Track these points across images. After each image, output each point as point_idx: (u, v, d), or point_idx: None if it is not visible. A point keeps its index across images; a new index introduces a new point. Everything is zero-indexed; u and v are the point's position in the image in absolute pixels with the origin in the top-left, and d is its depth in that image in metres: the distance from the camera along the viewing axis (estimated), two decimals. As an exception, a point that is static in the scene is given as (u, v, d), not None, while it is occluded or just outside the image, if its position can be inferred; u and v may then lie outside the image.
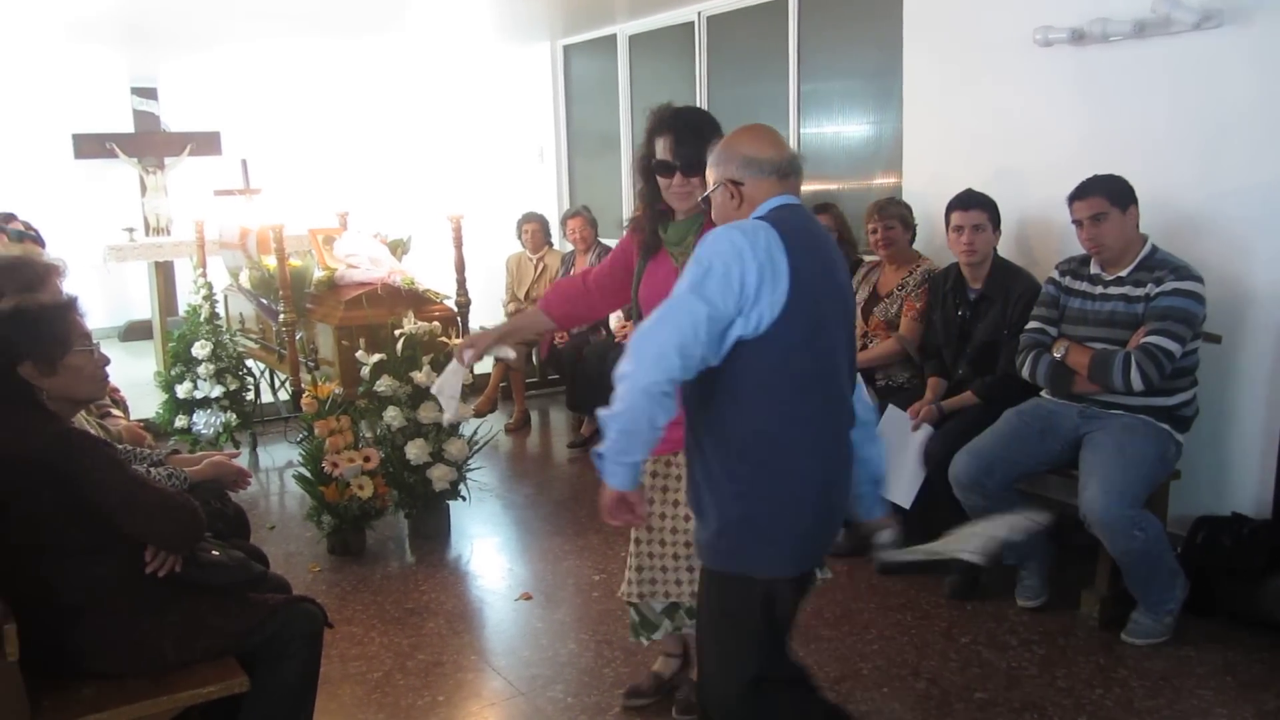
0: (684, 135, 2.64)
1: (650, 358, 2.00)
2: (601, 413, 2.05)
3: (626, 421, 2.02)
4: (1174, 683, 3.20)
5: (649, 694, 3.17)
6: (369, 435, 4.67)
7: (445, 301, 5.03)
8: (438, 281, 5.23)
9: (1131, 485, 3.31)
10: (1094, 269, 3.61)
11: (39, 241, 4.71)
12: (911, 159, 4.99)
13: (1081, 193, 3.53)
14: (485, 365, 6.08)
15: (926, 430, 3.92)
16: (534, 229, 6.72)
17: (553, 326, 3.11)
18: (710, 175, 2.28)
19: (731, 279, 2.02)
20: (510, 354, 3.06)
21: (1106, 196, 3.48)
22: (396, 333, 4.50)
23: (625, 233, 2.95)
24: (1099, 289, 3.57)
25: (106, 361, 2.49)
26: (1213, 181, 3.80)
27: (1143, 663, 3.32)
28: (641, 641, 3.09)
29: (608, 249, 5.69)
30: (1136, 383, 3.34)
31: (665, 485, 2.89)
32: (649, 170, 2.73)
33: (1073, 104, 4.19)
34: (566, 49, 7.93)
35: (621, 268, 2.93)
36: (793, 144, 5.72)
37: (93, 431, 2.63)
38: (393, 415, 4.46)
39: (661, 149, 2.67)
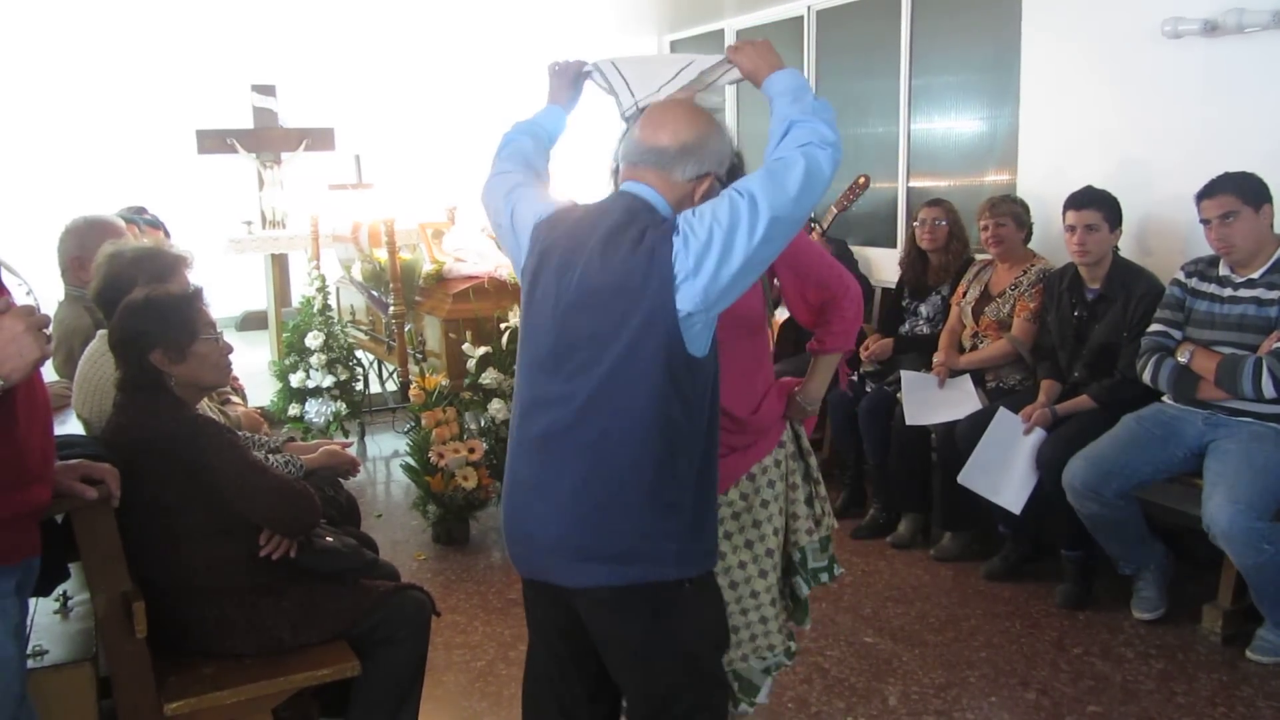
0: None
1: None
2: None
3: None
4: (1304, 705, 3.05)
5: None
6: (474, 427, 4.75)
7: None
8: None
9: (1260, 497, 3.16)
10: (1223, 270, 3.46)
11: (166, 234, 4.88)
12: (1027, 155, 4.84)
13: (1211, 190, 3.39)
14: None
15: (1039, 434, 3.81)
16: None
17: None
18: None
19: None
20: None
21: (1238, 194, 3.33)
22: (502, 326, 4.56)
23: None
24: (1228, 291, 3.42)
25: (230, 350, 2.55)
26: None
27: (1269, 682, 3.18)
28: (745, 709, 2.65)
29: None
30: (1268, 389, 3.20)
31: (727, 531, 2.50)
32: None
33: (1202, 99, 4.00)
34: (673, 44, 7.90)
35: None
36: (903, 141, 5.63)
37: (215, 418, 2.72)
38: (497, 408, 4.52)
39: None
